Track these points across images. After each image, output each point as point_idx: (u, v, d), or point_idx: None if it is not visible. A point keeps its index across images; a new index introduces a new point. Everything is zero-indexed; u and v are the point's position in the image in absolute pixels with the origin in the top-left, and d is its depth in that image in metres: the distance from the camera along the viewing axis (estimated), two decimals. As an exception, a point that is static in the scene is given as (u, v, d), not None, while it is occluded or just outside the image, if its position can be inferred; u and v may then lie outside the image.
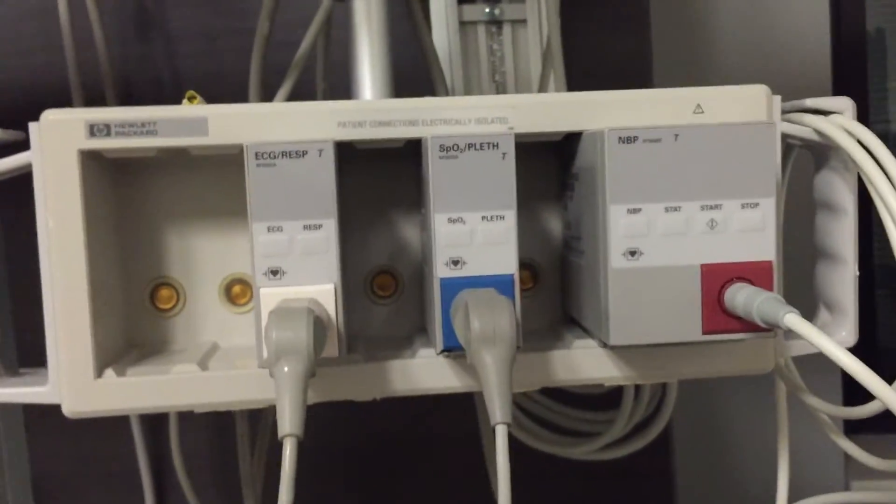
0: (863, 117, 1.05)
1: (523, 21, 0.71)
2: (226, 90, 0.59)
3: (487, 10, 0.71)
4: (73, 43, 0.66)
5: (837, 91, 0.44)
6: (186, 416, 0.68)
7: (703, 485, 0.96)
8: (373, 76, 0.51)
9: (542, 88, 0.65)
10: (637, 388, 0.62)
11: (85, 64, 0.66)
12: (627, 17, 0.73)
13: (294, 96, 0.56)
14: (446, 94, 0.61)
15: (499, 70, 0.71)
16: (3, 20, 0.69)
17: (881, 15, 1.08)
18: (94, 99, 0.67)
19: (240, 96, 0.62)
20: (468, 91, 0.69)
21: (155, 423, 0.70)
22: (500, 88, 0.71)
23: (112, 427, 0.69)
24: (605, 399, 0.65)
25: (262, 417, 0.67)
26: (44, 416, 0.66)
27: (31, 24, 0.69)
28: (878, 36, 1.09)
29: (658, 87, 0.43)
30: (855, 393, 0.34)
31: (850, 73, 1.03)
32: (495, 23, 0.71)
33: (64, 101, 0.65)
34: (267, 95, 0.60)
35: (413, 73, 0.59)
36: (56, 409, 0.41)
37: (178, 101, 0.42)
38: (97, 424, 0.61)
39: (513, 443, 0.65)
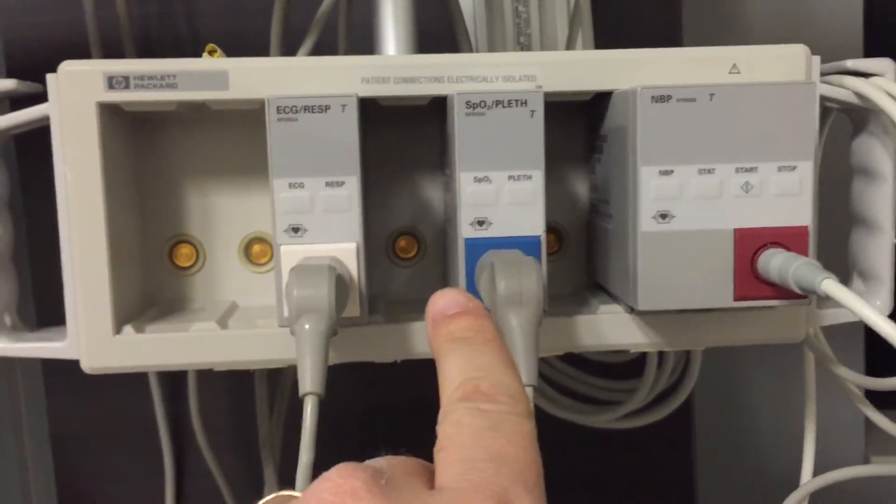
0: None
1: (550, -19, 0.69)
2: (246, 49, 0.57)
3: (514, -30, 0.69)
4: (92, -1, 0.65)
5: (869, 55, 0.42)
6: (205, 376, 0.68)
7: (723, 456, 0.95)
8: (396, 33, 0.49)
9: (570, 48, 0.63)
10: (660, 357, 0.61)
11: (104, 21, 0.65)
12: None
13: (315, 55, 0.55)
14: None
15: (524, 32, 0.69)
16: (23, -25, 0.68)
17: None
18: (113, 56, 0.66)
19: (260, 56, 0.60)
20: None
21: (173, 382, 0.70)
22: (525, 50, 0.69)
23: (130, 387, 0.69)
24: (627, 368, 0.64)
25: (281, 379, 0.66)
26: (63, 375, 0.66)
27: (50, -20, 0.68)
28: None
29: (687, 47, 0.42)
30: (877, 366, 0.33)
31: (883, 36, 1.00)
32: (521, -17, 0.69)
33: (83, 58, 0.65)
34: (288, 55, 0.59)
35: (436, 36, 0.57)
36: (74, 367, 0.41)
37: (197, 60, 0.41)
38: (116, 384, 0.61)
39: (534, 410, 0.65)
